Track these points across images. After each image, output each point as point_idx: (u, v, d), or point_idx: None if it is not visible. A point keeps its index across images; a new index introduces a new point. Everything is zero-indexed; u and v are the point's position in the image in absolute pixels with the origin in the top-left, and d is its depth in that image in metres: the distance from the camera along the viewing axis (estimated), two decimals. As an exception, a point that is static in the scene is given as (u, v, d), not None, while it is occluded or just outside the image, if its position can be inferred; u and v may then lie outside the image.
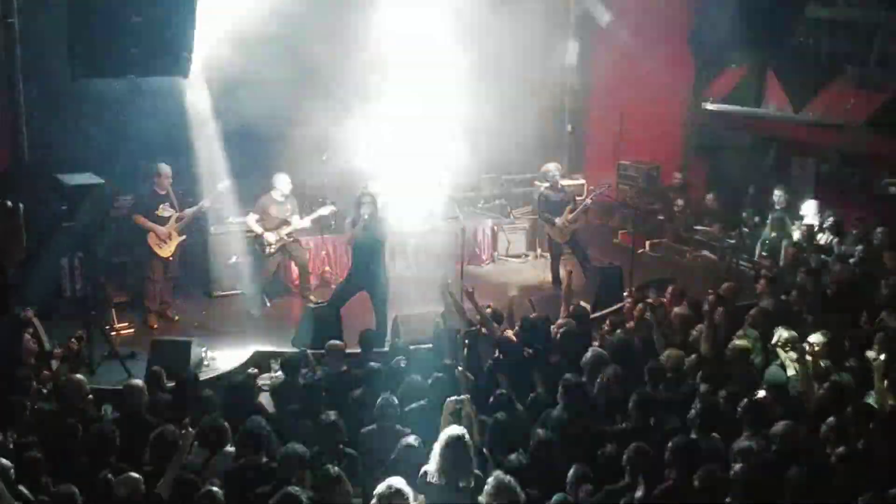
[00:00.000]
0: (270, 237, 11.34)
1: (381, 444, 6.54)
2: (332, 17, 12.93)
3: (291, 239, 11.70)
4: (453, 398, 6.38)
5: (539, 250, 14.17)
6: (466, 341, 8.23)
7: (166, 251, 10.83)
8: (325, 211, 11.78)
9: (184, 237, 11.02)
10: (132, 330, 10.72)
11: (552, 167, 12.61)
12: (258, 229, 11.33)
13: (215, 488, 5.60)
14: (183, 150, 12.62)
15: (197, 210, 11.10)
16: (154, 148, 11.98)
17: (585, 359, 7.59)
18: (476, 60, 14.14)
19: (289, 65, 12.76)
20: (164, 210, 10.81)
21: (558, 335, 8.42)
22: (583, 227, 12.79)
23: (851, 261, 11.21)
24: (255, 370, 8.95)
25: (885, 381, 7.06)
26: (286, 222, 11.44)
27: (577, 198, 12.63)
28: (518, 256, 14.11)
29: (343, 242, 12.38)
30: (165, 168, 10.83)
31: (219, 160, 12.72)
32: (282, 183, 11.48)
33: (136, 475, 5.65)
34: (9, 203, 10.14)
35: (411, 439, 6.25)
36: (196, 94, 12.15)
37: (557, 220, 11.96)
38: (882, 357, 7.18)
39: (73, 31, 9.31)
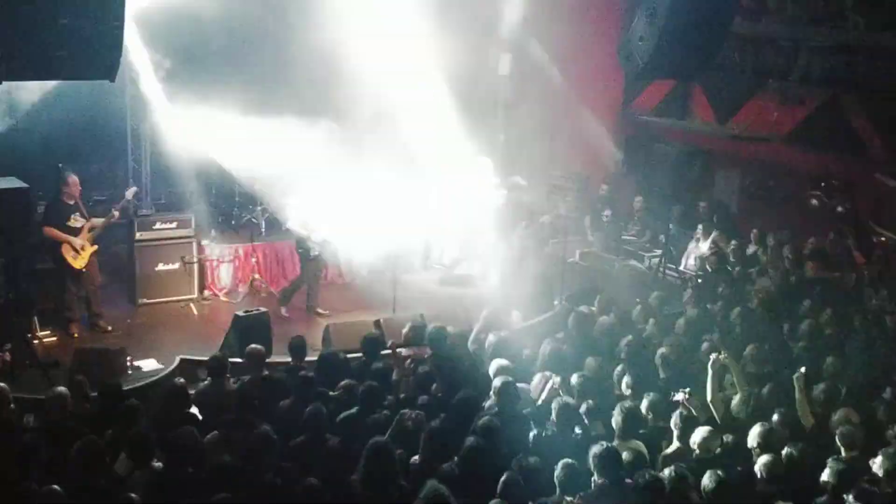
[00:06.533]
0: (316, 237, 11.32)
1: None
2: (272, 29, 12.94)
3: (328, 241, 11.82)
4: None
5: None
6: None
7: (80, 262, 10.49)
8: None
9: (97, 247, 10.74)
10: (55, 338, 10.47)
11: (524, 183, 12.37)
12: (304, 232, 11.27)
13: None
14: (107, 156, 12.43)
15: (107, 220, 10.78)
16: (77, 153, 11.76)
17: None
18: (409, 70, 14.19)
19: (227, 76, 12.70)
20: (76, 220, 10.51)
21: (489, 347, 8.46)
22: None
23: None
24: (182, 379, 8.77)
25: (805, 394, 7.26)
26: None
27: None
28: (451, 265, 14.15)
29: (272, 250, 12.38)
30: (73, 177, 10.50)
31: (130, 167, 12.53)
32: None
33: (57, 488, 5.51)
34: None
35: None
36: (119, 98, 11.98)
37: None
38: (802, 370, 7.36)
39: (-3, 32, 9.06)
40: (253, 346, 8.23)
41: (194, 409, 7.68)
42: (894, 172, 12.16)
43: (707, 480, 5.72)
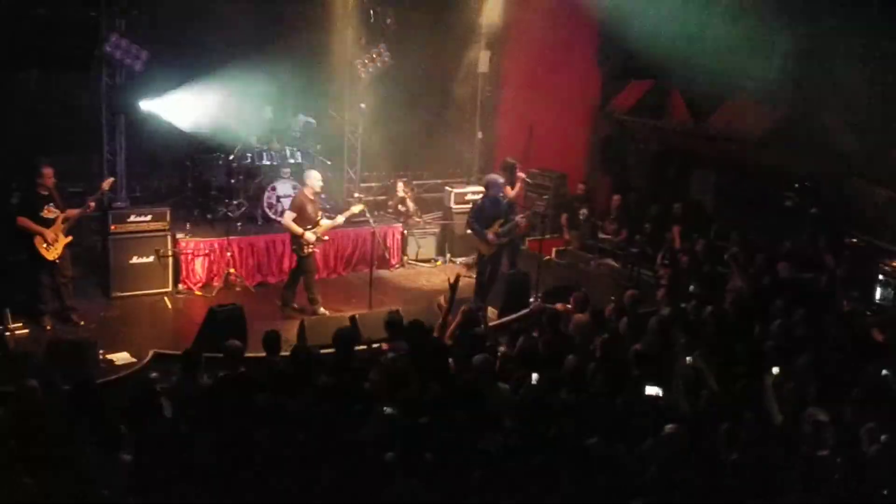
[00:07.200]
0: (311, 236, 11.24)
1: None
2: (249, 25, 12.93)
3: (327, 238, 11.69)
4: None
5: (448, 255, 14.27)
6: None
7: (53, 254, 10.43)
8: (356, 209, 11.75)
9: (70, 238, 10.66)
10: (27, 330, 10.38)
11: (501, 180, 12.36)
12: (298, 229, 11.19)
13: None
14: (82, 147, 12.32)
15: (82, 211, 10.71)
16: (51, 144, 11.65)
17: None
18: (389, 67, 14.20)
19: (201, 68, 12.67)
20: (49, 212, 10.43)
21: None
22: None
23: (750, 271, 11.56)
24: (155, 373, 8.73)
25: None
26: (317, 221, 11.33)
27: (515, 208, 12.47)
28: (427, 261, 14.17)
29: (247, 244, 12.34)
30: (47, 168, 10.44)
31: (105, 158, 12.43)
32: (314, 180, 11.40)
33: (28, 480, 5.49)
34: None
35: None
36: (95, 88, 11.88)
37: (489, 235, 11.84)
38: (774, 370, 7.42)
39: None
40: (231, 341, 8.20)
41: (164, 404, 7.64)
42: (869, 175, 12.27)
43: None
